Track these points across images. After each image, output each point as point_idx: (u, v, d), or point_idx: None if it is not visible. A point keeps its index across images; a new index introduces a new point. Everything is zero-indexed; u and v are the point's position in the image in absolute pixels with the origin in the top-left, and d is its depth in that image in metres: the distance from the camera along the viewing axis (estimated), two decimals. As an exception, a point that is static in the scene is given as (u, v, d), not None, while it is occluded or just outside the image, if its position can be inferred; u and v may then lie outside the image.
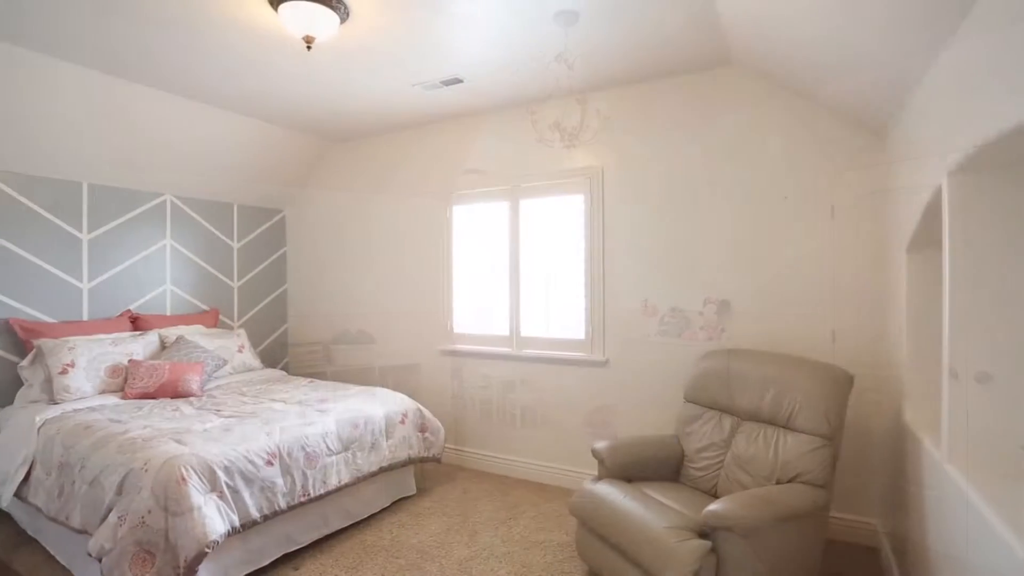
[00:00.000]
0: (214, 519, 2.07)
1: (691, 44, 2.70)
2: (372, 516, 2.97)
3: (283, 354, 4.88)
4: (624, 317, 3.28)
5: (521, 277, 3.65)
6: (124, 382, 3.19)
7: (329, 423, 2.75)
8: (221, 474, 2.19)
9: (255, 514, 2.26)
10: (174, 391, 3.18)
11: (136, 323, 3.69)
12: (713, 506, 1.88)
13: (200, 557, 1.98)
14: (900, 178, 2.27)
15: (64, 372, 3.01)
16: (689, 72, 3.06)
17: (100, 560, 1.98)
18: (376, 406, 3.07)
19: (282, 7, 2.21)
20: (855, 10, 1.77)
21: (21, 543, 2.69)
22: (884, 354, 2.58)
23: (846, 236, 2.72)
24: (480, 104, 3.59)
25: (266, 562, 2.40)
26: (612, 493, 2.22)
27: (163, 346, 3.54)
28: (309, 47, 2.33)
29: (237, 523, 2.18)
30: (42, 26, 2.44)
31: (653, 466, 2.52)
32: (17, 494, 2.61)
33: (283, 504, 2.38)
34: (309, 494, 2.50)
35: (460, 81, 3.17)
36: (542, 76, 3.10)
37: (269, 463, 2.38)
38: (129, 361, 3.23)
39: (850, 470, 2.71)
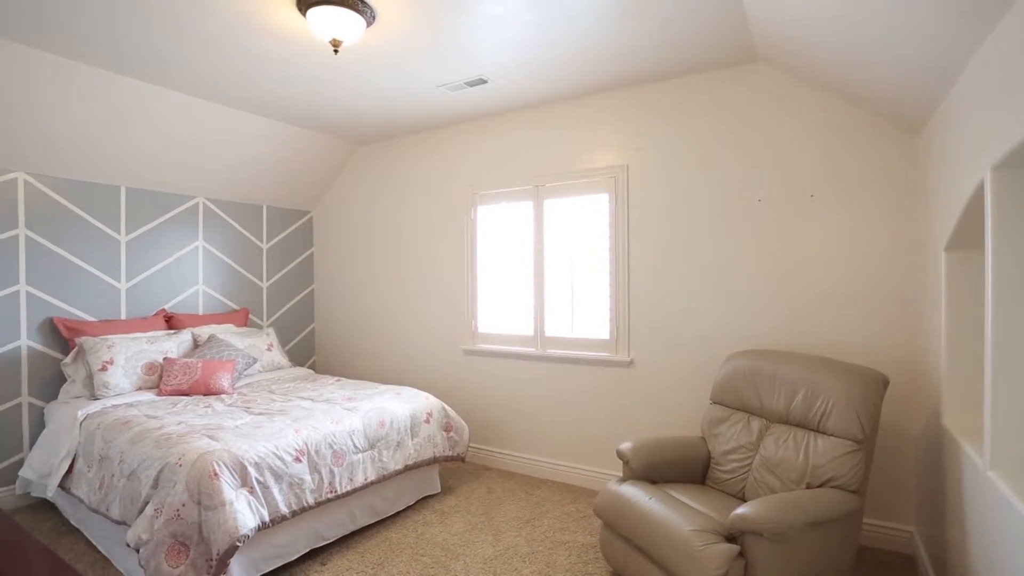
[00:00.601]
0: (245, 514, 2.12)
1: (716, 41, 2.66)
2: (397, 514, 3.01)
3: (310, 353, 4.98)
4: (649, 317, 3.24)
5: (545, 277, 3.64)
6: (159, 379, 3.29)
7: (356, 421, 2.79)
8: (252, 470, 2.24)
9: (284, 509, 2.31)
10: (206, 388, 3.27)
11: (170, 322, 3.80)
12: (741, 509, 1.85)
13: (231, 550, 2.03)
14: (937, 174, 2.19)
15: (104, 369, 3.12)
16: (714, 69, 3.01)
17: (138, 551, 2.05)
18: (401, 405, 3.10)
19: (310, 12, 2.25)
20: (890, 1, 1.72)
21: (64, 532, 2.80)
22: (919, 356, 2.50)
23: (878, 234, 2.64)
24: (504, 104, 3.60)
25: (294, 557, 2.45)
26: (637, 494, 2.20)
27: (196, 344, 3.65)
28: (336, 51, 2.37)
29: (267, 518, 2.23)
30: (73, 32, 2.52)
31: (679, 468, 2.49)
32: (61, 485, 2.72)
33: (311, 500, 2.42)
34: (336, 491, 2.55)
35: (484, 82, 3.18)
36: (566, 75, 3.09)
37: (297, 460, 2.42)
38: (164, 359, 3.33)
39: (885, 475, 2.63)
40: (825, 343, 2.74)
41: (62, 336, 3.32)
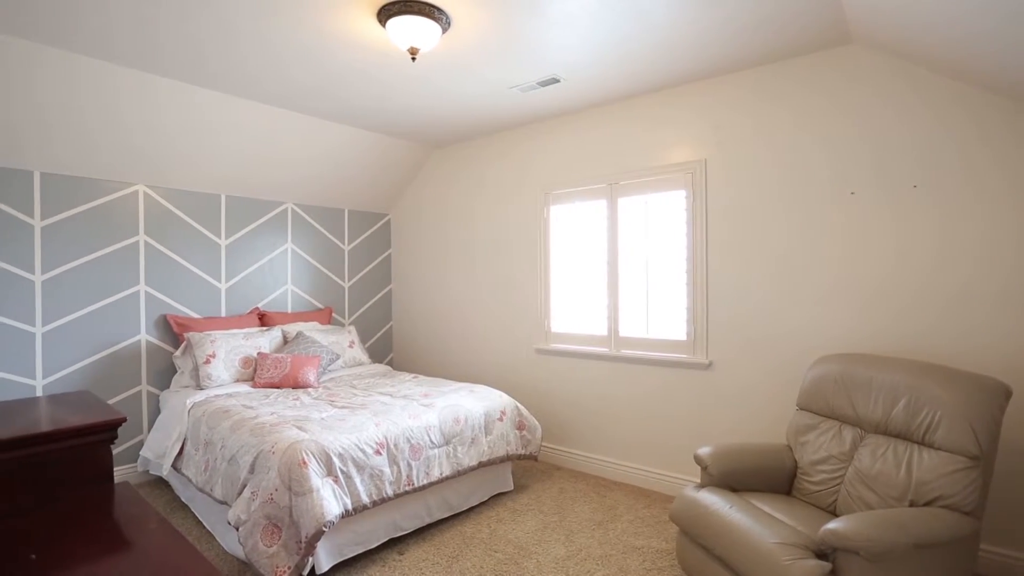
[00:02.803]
0: (330, 501, 2.25)
1: (804, 23, 2.49)
2: (471, 509, 3.07)
3: (388, 350, 5.19)
4: (729, 318, 3.10)
5: (620, 276, 3.58)
6: (254, 372, 3.56)
7: (432, 417, 2.87)
8: (336, 460, 2.37)
9: (365, 499, 2.42)
10: (295, 382, 3.49)
11: (263, 319, 4.10)
12: (834, 524, 1.72)
13: (318, 535, 2.16)
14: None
15: (207, 362, 3.43)
16: (801, 55, 2.83)
17: (237, 529, 2.23)
18: (476, 402, 3.16)
19: (390, 22, 2.35)
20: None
21: (176, 508, 3.10)
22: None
23: (997, 225, 2.36)
24: (577, 102, 3.57)
25: (374, 545, 2.56)
26: (716, 502, 2.11)
27: (285, 340, 3.91)
28: (414, 58, 2.46)
29: (350, 506, 2.35)
30: (175, 54, 2.78)
31: (761, 476, 2.36)
32: (173, 465, 3.01)
33: (390, 492, 2.53)
34: (413, 484, 2.64)
35: (557, 81, 3.17)
36: (641, 69, 3.02)
37: (378, 452, 2.54)
38: (258, 354, 3.60)
39: (1009, 497, 2.35)
40: (928, 348, 2.50)
41: (173, 331, 3.67)
